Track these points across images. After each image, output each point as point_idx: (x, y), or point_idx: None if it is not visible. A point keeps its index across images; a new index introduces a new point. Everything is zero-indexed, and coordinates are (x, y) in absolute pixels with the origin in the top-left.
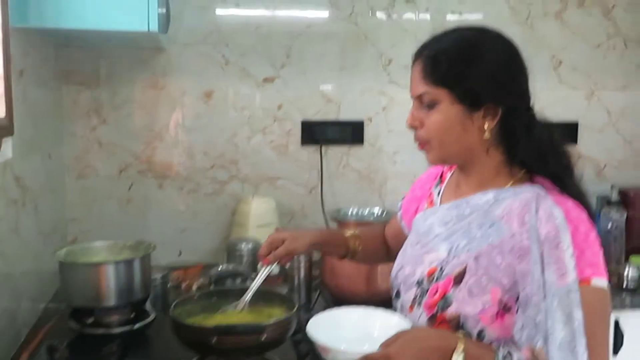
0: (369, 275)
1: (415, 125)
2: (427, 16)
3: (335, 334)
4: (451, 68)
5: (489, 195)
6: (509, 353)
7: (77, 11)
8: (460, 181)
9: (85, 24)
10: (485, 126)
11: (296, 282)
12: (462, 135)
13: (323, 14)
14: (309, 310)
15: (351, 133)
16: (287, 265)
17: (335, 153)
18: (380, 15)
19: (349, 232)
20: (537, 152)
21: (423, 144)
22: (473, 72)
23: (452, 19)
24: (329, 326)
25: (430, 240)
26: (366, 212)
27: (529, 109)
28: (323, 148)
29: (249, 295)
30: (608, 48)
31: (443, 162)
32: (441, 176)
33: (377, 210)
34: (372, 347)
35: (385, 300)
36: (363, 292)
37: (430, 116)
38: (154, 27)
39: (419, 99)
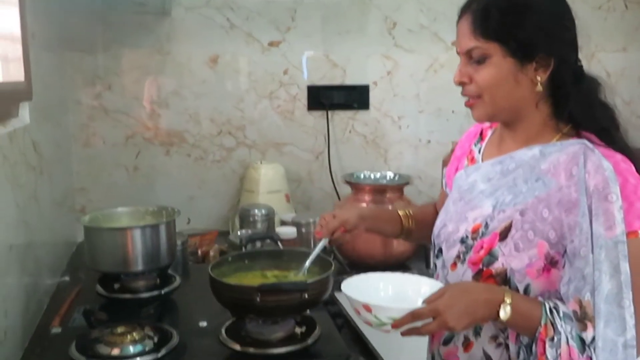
0: (386, 238)
1: (464, 82)
2: None
3: (370, 295)
4: (502, 20)
5: (534, 150)
6: (555, 306)
7: None
8: (505, 137)
9: None
10: (538, 78)
11: (312, 245)
12: (515, 88)
13: None
14: None
15: (357, 98)
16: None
17: (341, 118)
18: None
19: (401, 211)
20: (587, 104)
21: (473, 99)
22: (525, 23)
23: None
24: (361, 288)
25: (474, 196)
26: (378, 175)
27: (577, 60)
28: (329, 113)
29: (306, 266)
30: (608, 9)
31: (491, 118)
32: (481, 134)
33: (389, 174)
34: (412, 305)
35: (401, 263)
36: (380, 255)
37: (481, 71)
38: None
39: (467, 54)
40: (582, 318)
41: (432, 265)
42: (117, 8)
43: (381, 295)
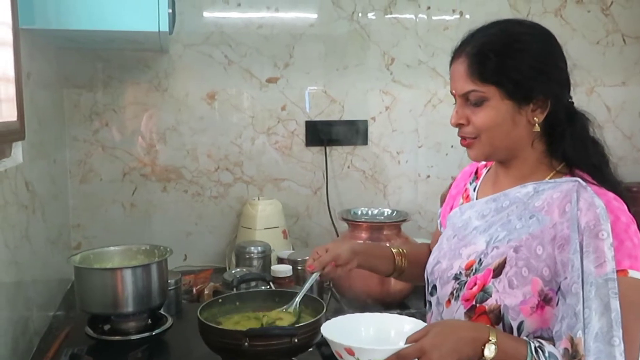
0: (383, 276)
1: (461, 124)
2: (429, 14)
3: (351, 337)
4: (499, 63)
5: (528, 188)
6: (541, 345)
7: (86, 12)
8: (500, 175)
9: (94, 24)
10: (536, 119)
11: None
12: (512, 129)
13: (325, 13)
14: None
15: (355, 133)
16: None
17: (339, 153)
18: (382, 14)
19: (394, 249)
20: (580, 141)
21: (470, 140)
22: (521, 65)
23: (453, 18)
24: (342, 330)
25: (468, 233)
26: (376, 212)
27: (569, 97)
28: (327, 148)
29: (297, 300)
30: (607, 44)
31: (488, 157)
32: (476, 172)
33: (387, 210)
34: (395, 346)
35: (398, 301)
36: (377, 293)
37: (479, 113)
38: (164, 27)
39: (464, 96)
40: (573, 356)
41: (427, 302)
42: (115, 45)
43: (362, 336)
